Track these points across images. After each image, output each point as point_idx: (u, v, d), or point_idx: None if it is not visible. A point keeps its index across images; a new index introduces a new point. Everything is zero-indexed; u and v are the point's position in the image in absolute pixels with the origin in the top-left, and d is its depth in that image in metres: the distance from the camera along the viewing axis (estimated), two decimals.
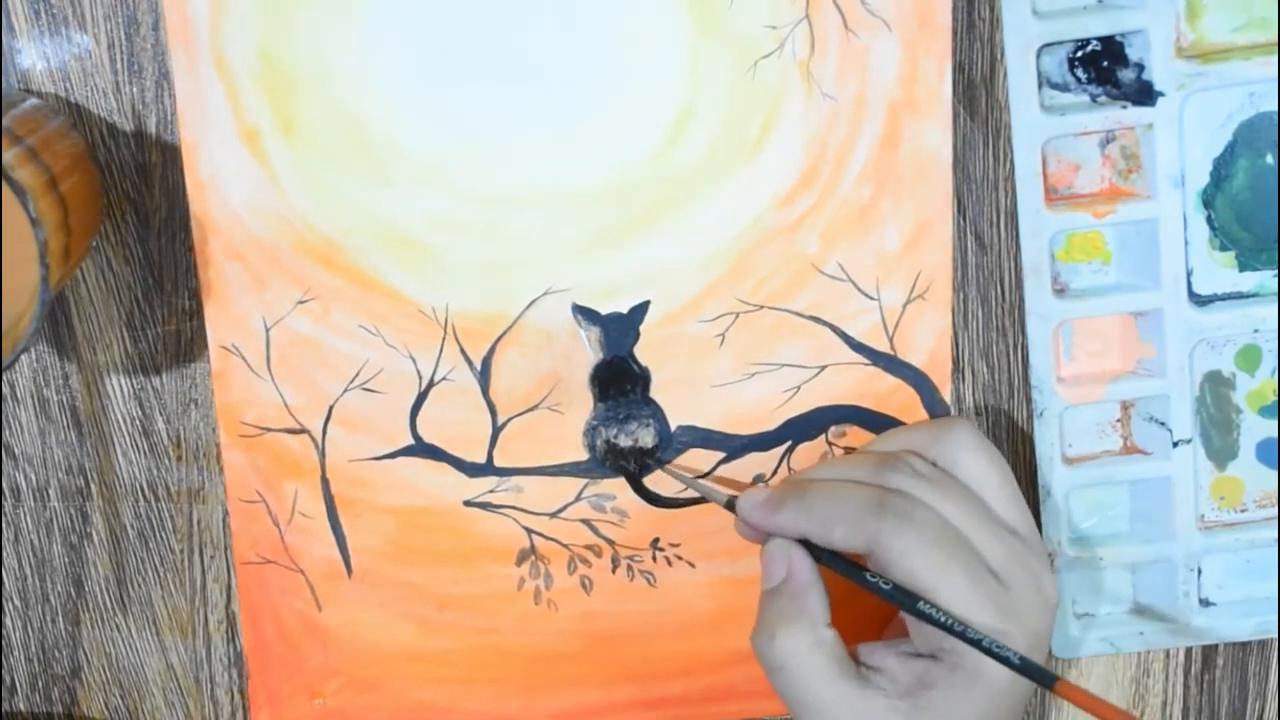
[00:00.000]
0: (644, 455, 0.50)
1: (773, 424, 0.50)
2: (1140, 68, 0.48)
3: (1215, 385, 0.51)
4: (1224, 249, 0.50)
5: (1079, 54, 0.49)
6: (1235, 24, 0.48)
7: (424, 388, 0.49)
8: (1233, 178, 0.49)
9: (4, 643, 0.51)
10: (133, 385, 0.49)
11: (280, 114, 0.47)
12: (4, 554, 0.50)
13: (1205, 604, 0.53)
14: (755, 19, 0.47)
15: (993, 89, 0.49)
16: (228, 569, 0.51)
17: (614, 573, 0.51)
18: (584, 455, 0.50)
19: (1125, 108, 0.48)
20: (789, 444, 0.50)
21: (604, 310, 0.49)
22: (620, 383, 0.50)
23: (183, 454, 0.50)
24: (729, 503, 0.47)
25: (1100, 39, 0.48)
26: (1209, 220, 0.50)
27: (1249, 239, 0.50)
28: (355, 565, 0.50)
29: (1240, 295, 0.50)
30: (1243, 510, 0.52)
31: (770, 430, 0.50)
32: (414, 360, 0.49)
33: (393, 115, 0.47)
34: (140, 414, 0.50)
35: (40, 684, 0.52)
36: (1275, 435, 0.52)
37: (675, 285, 0.49)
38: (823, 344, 0.50)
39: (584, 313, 0.49)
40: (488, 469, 0.50)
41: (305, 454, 0.49)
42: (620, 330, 0.49)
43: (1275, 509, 0.52)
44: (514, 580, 0.51)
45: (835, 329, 0.50)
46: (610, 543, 0.51)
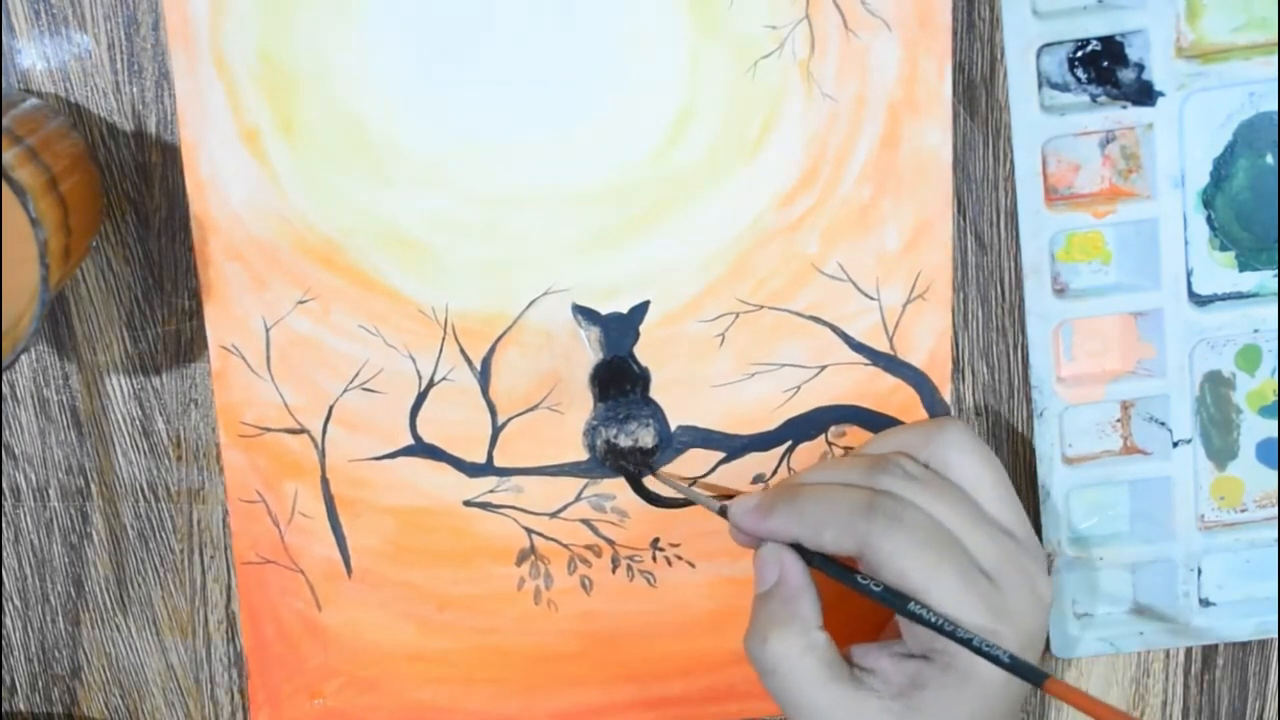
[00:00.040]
0: (644, 455, 0.50)
1: (773, 424, 0.50)
2: (1140, 68, 0.48)
3: (1215, 385, 0.51)
4: (1224, 249, 0.50)
5: (1079, 54, 0.48)
6: (1235, 24, 0.48)
7: (424, 388, 0.49)
8: (1233, 178, 0.49)
9: (4, 643, 0.51)
10: (133, 385, 0.49)
11: (280, 114, 0.47)
12: (4, 554, 0.50)
13: (1205, 604, 0.53)
14: (755, 19, 0.47)
15: (993, 89, 0.49)
16: (228, 569, 0.51)
17: (614, 573, 0.51)
18: (584, 455, 0.50)
19: (1125, 108, 0.48)
20: (789, 444, 0.50)
21: (604, 310, 0.49)
22: (620, 383, 0.49)
23: (183, 454, 0.50)
24: (722, 509, 0.47)
25: (1100, 39, 0.48)
26: (1209, 220, 0.50)
27: (1249, 239, 0.50)
28: (355, 565, 0.50)
29: (1240, 295, 0.50)
30: (1243, 510, 0.52)
31: (770, 430, 0.50)
32: (414, 360, 0.49)
33: (393, 115, 0.47)
34: (140, 414, 0.50)
35: (40, 684, 0.52)
36: (1275, 435, 0.52)
37: (675, 285, 0.49)
38: (823, 344, 0.50)
39: (584, 313, 0.49)
40: (488, 469, 0.50)
41: (305, 454, 0.49)
42: (620, 330, 0.49)
43: (1275, 509, 0.52)
44: (514, 580, 0.51)
45: (835, 329, 0.50)
46: (610, 543, 0.51)
